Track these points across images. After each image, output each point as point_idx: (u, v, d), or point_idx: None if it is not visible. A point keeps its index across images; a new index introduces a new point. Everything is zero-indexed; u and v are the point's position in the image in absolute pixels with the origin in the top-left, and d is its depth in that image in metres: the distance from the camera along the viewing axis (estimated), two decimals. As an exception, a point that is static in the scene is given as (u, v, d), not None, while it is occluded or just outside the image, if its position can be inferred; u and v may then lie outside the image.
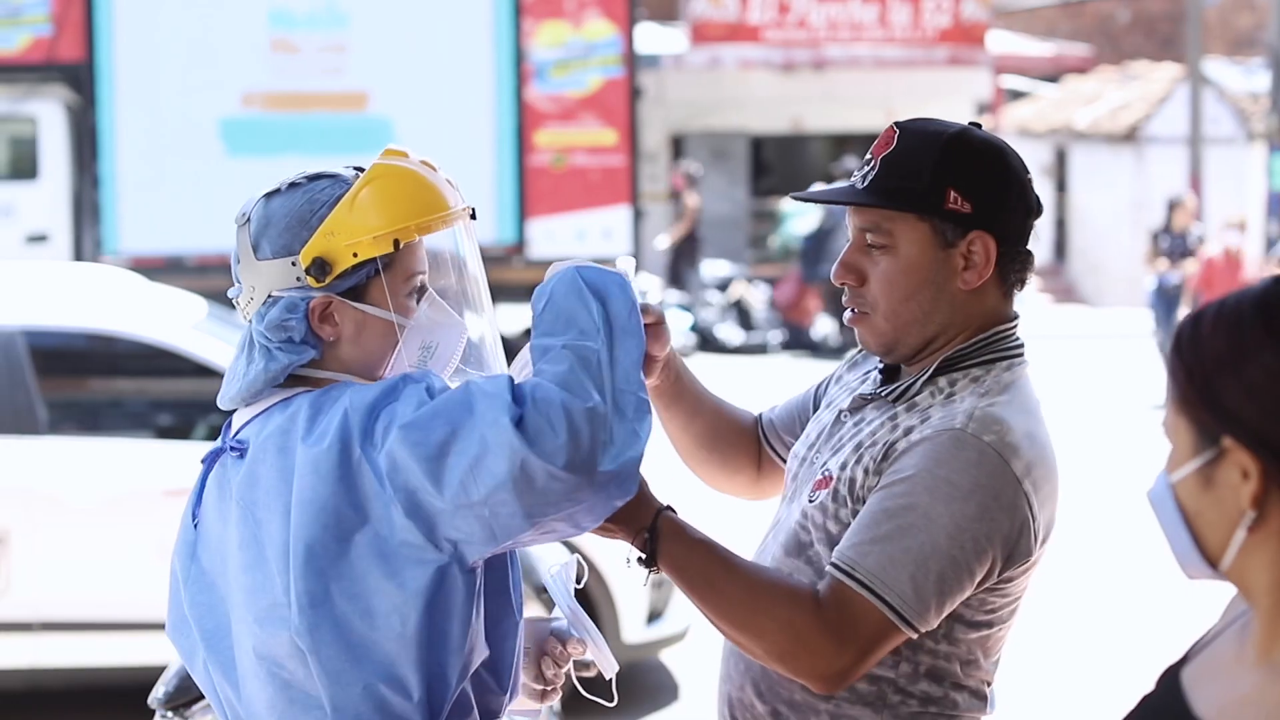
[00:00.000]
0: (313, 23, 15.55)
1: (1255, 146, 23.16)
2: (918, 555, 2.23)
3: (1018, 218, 2.42)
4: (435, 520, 2.12)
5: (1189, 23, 22.05)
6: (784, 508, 2.55)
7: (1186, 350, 1.54)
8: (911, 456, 2.29)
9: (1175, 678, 1.57)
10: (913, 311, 2.40)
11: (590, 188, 16.15)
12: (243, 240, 2.27)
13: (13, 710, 6.60)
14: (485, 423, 2.08)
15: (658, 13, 22.48)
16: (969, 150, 2.39)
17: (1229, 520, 1.52)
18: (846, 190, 2.44)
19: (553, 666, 2.49)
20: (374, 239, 2.22)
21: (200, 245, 15.08)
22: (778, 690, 2.41)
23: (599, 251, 16.22)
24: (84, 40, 15.09)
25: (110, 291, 7.03)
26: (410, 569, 2.13)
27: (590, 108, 16.21)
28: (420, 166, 2.29)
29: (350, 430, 2.14)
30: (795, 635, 2.23)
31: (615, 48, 16.29)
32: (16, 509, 6.18)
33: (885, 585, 2.23)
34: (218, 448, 2.32)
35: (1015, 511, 2.28)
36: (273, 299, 2.25)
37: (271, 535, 2.17)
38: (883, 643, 2.25)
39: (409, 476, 2.10)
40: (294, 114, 15.55)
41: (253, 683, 2.21)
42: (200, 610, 2.28)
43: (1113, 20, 30.35)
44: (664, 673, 7.17)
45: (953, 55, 21.47)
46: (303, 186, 2.27)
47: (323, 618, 2.13)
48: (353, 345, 2.27)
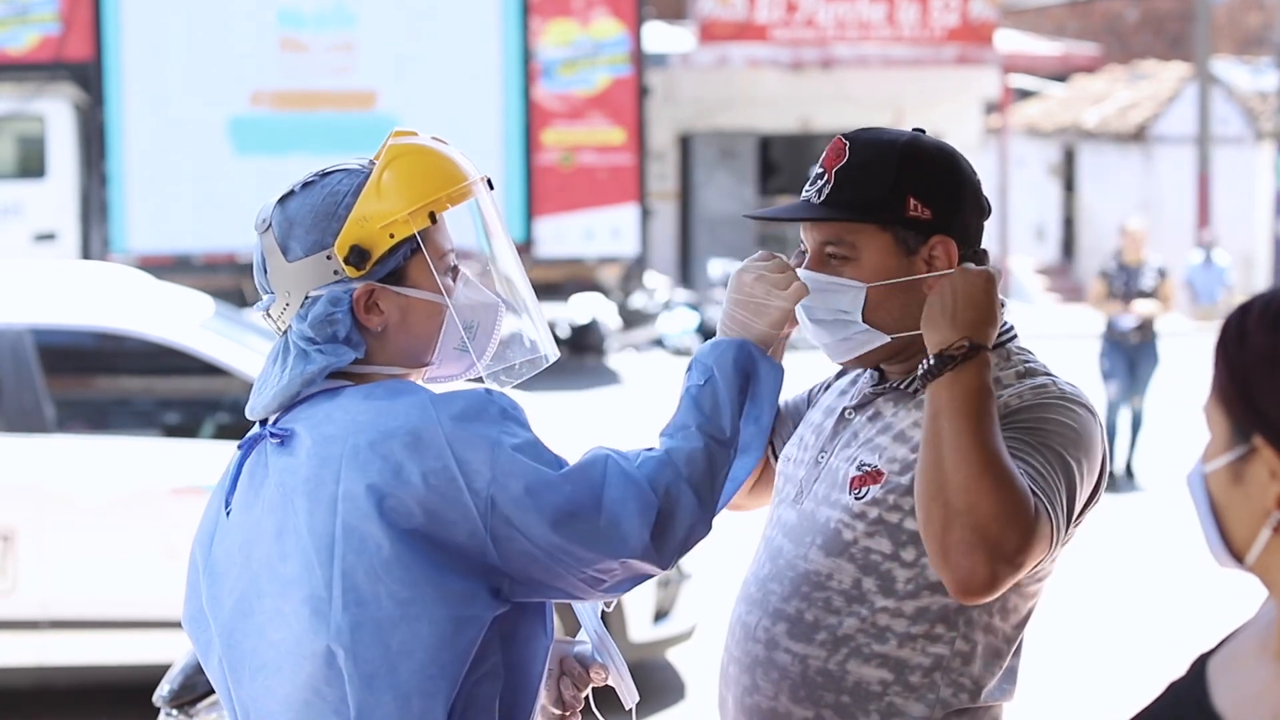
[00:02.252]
0: (321, 22, 15.57)
1: (1264, 145, 23.13)
2: (1057, 489, 2.23)
3: (974, 219, 2.46)
4: (512, 559, 2.12)
5: (1198, 22, 22.03)
6: (787, 509, 2.52)
7: (1231, 342, 1.54)
8: (1026, 415, 2.31)
9: (1203, 666, 1.57)
10: (882, 320, 2.41)
11: (598, 186, 16.16)
12: (268, 246, 2.23)
13: (20, 708, 6.61)
14: (624, 516, 2.12)
15: (666, 12, 22.48)
16: (924, 157, 2.42)
17: (1256, 517, 1.51)
18: (803, 206, 2.45)
19: (572, 689, 2.46)
20: (409, 215, 2.20)
21: (208, 244, 15.10)
22: (821, 694, 2.38)
23: (607, 250, 16.23)
24: (92, 39, 15.11)
25: (118, 290, 7.04)
26: (467, 591, 2.11)
27: (598, 106, 16.22)
28: (433, 142, 2.29)
29: (434, 434, 2.10)
30: (1010, 513, 2.13)
31: (623, 46, 16.29)
32: (24, 507, 6.19)
33: (1052, 509, 2.22)
34: (256, 434, 2.25)
35: (1103, 466, 2.35)
36: (311, 298, 2.20)
37: (314, 525, 2.11)
38: (1033, 560, 2.19)
39: (514, 515, 2.09)
40: (302, 113, 15.56)
41: (273, 677, 2.16)
42: (218, 600, 2.23)
43: (1121, 19, 30.32)
44: (670, 671, 7.17)
45: (961, 54, 21.45)
46: (318, 183, 2.24)
47: (367, 617, 2.09)
48: (400, 331, 2.23)
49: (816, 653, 2.38)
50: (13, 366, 6.34)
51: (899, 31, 21.34)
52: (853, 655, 2.37)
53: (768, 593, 2.46)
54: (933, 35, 21.35)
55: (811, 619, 2.40)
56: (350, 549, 2.08)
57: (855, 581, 2.37)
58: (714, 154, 22.76)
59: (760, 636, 2.44)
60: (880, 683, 2.36)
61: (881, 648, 2.36)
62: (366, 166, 2.26)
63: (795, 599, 2.41)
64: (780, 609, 2.43)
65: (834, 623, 2.38)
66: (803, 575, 2.42)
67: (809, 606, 2.40)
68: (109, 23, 15.12)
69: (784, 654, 2.41)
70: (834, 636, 2.38)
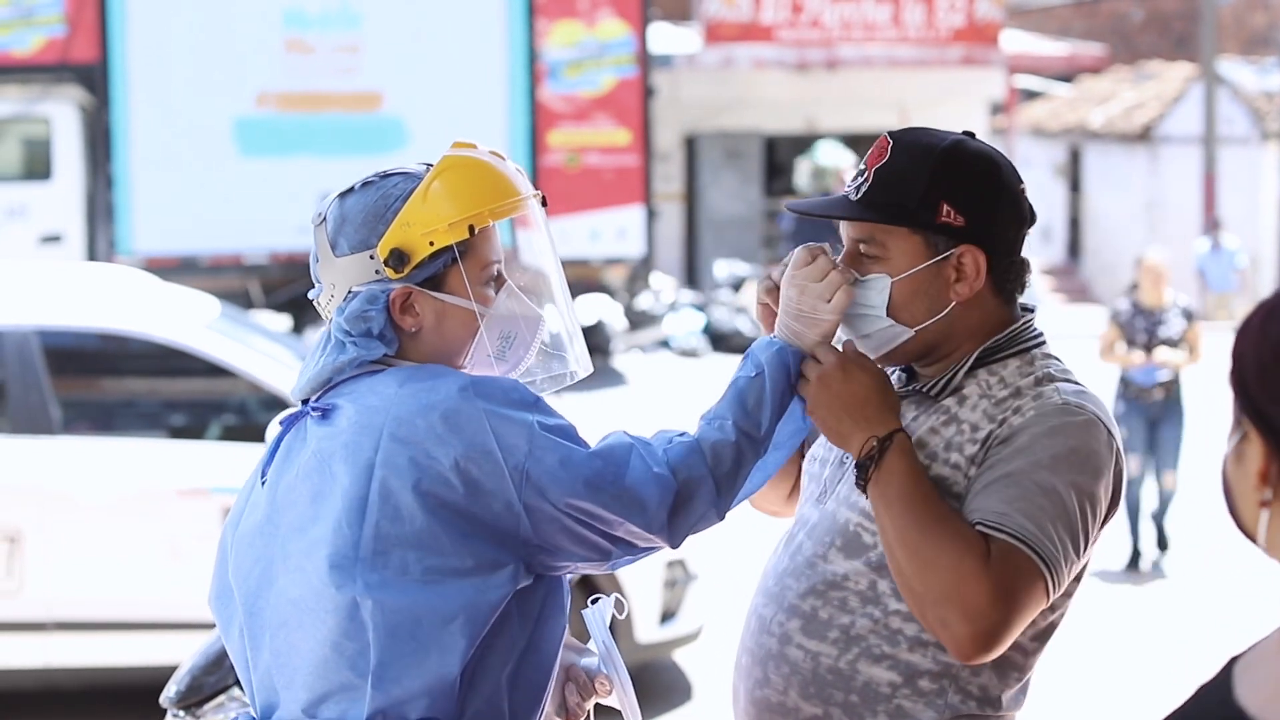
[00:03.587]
0: (326, 23, 15.58)
1: (1269, 145, 23.12)
2: (1055, 520, 2.26)
3: (1010, 230, 2.46)
4: (542, 528, 2.21)
5: (1203, 22, 22.02)
6: (811, 507, 2.55)
7: (1241, 327, 1.59)
8: (1023, 436, 2.33)
9: (1230, 667, 1.58)
10: (907, 316, 2.43)
11: (604, 187, 16.16)
12: (320, 240, 2.34)
13: (26, 709, 6.62)
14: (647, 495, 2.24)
15: (671, 12, 22.49)
16: (963, 163, 2.43)
17: (1253, 498, 1.55)
18: (840, 202, 2.48)
19: (576, 696, 2.49)
20: (449, 226, 2.29)
21: (214, 245, 15.11)
22: (830, 692, 2.40)
23: (612, 251, 16.24)
24: (97, 41, 15.12)
25: (123, 291, 7.04)
26: (496, 561, 2.19)
27: (604, 108, 16.22)
28: (489, 156, 2.38)
29: (474, 411, 2.19)
30: (960, 577, 2.21)
31: (628, 47, 16.29)
32: (30, 508, 6.19)
33: (1039, 542, 2.25)
34: (297, 412, 2.35)
35: (1115, 478, 2.36)
36: (353, 294, 2.30)
37: (348, 488, 2.19)
38: (1031, 603, 2.24)
39: (548, 486, 2.20)
40: (307, 114, 15.56)
41: (295, 632, 2.22)
42: (243, 571, 2.30)
43: (1127, 20, 30.31)
44: (677, 672, 7.17)
45: (966, 55, 21.44)
46: (376, 184, 2.33)
47: (394, 576, 2.16)
48: (434, 334, 2.32)
49: (828, 650, 2.40)
50: (19, 368, 6.35)
51: (904, 32, 21.33)
52: (863, 655, 2.38)
53: (784, 588, 2.48)
54: (938, 36, 21.34)
55: (825, 617, 2.42)
56: (385, 515, 2.17)
57: (871, 584, 2.39)
58: (719, 155, 22.76)
59: (774, 630, 2.46)
60: (889, 684, 2.37)
61: (892, 650, 2.37)
62: (425, 172, 2.35)
63: (811, 596, 2.44)
64: (796, 605, 2.45)
65: (847, 622, 2.40)
66: (820, 574, 2.44)
67: (824, 604, 2.42)
68: (114, 25, 15.12)
69: (796, 649, 2.43)
70: (846, 635, 2.40)
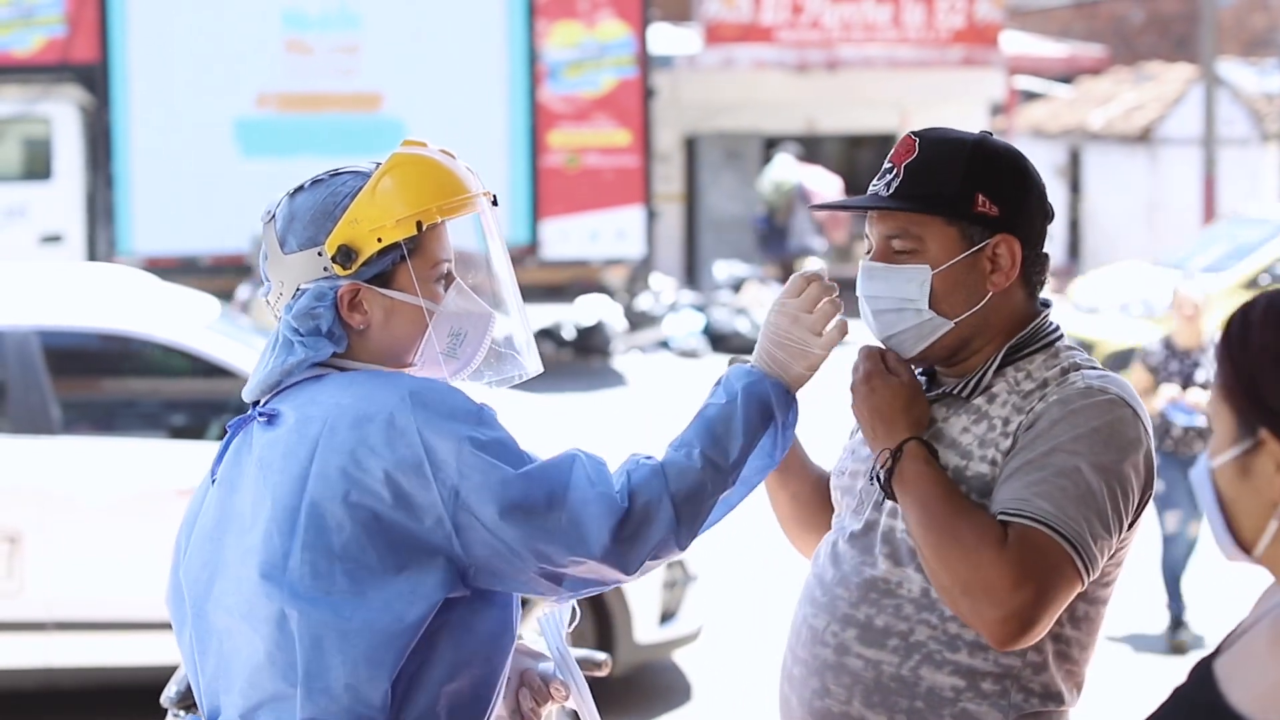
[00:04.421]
0: (326, 24, 15.58)
1: (1269, 147, 23.12)
2: (1077, 499, 2.28)
3: (1038, 221, 2.50)
4: (474, 549, 2.18)
5: (1203, 23, 22.01)
6: (850, 517, 2.53)
7: (1235, 339, 1.57)
8: (1043, 421, 2.35)
9: (1208, 669, 1.58)
10: (948, 309, 2.44)
11: (604, 188, 16.15)
12: (269, 237, 2.33)
13: (26, 709, 6.62)
14: (587, 517, 2.17)
15: (671, 13, 22.47)
16: (993, 156, 2.47)
17: (1263, 510, 1.54)
18: (872, 198, 2.49)
19: (531, 700, 2.49)
20: (397, 223, 2.28)
21: (214, 246, 15.10)
22: (895, 700, 2.40)
23: (612, 252, 16.23)
24: (98, 41, 15.12)
25: (124, 292, 7.04)
26: (423, 572, 2.16)
27: (603, 108, 16.21)
28: (439, 154, 2.36)
29: (407, 423, 2.17)
30: (975, 565, 2.23)
31: (628, 48, 16.29)
32: (30, 509, 6.19)
33: (1061, 521, 2.26)
34: (245, 415, 2.35)
35: (1147, 458, 2.36)
36: (301, 291, 2.30)
37: (280, 497, 2.19)
38: (1061, 583, 2.25)
39: (475, 507, 2.16)
40: (307, 115, 15.57)
41: (229, 642, 2.23)
42: (192, 574, 2.32)
43: (1127, 21, 30.31)
44: (676, 673, 7.17)
45: (966, 56, 21.43)
46: (325, 181, 2.33)
47: (321, 586, 2.16)
48: (382, 332, 2.31)
49: (889, 659, 2.40)
50: (19, 368, 6.35)
51: (904, 33, 21.32)
52: (925, 662, 2.39)
53: (835, 598, 2.47)
54: (938, 37, 21.34)
55: (882, 625, 2.41)
56: (312, 525, 2.16)
57: (924, 590, 2.39)
58: (719, 156, 22.75)
59: (829, 641, 2.45)
60: (953, 689, 2.38)
61: (954, 655, 2.38)
62: (373, 170, 2.33)
63: (864, 605, 2.43)
64: (850, 614, 2.44)
65: (905, 629, 2.40)
66: (869, 582, 2.44)
67: (879, 612, 2.42)
68: (115, 25, 15.12)
69: (855, 659, 2.43)
70: (906, 643, 2.40)
